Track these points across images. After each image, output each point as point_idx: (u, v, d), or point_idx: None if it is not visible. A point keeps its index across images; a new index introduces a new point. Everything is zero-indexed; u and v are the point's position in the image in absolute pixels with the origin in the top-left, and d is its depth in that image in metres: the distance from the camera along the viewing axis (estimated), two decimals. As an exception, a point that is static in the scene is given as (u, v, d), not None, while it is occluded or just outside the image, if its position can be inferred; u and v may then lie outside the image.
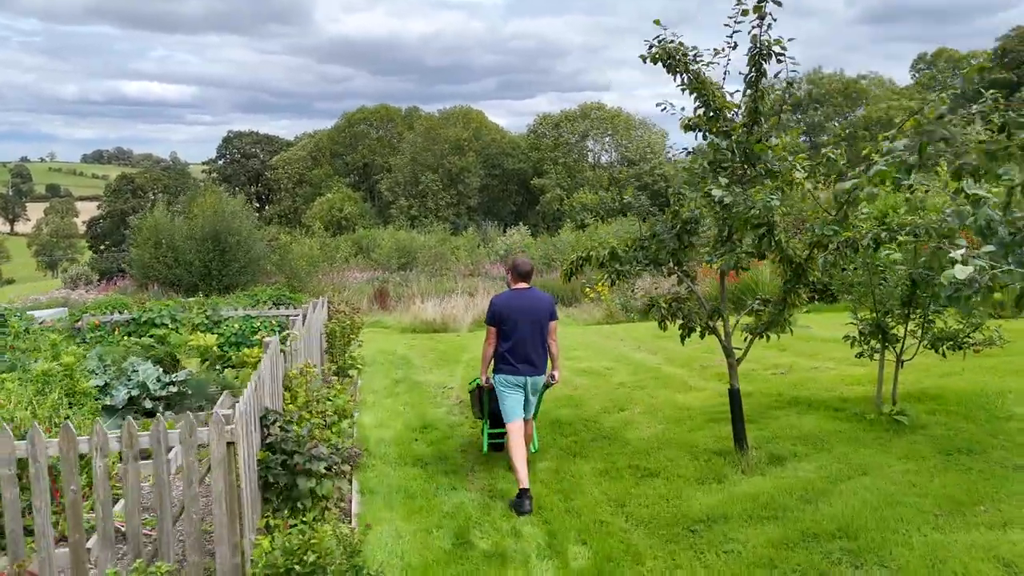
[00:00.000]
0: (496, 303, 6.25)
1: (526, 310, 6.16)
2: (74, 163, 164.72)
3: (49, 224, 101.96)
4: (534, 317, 6.16)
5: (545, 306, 6.29)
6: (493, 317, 6.22)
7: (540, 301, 6.29)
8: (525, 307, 6.18)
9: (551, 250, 35.64)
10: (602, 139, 61.88)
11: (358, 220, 58.22)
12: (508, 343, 6.13)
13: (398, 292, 25.08)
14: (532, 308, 6.19)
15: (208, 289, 26.59)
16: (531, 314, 6.15)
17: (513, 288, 6.31)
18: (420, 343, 15.88)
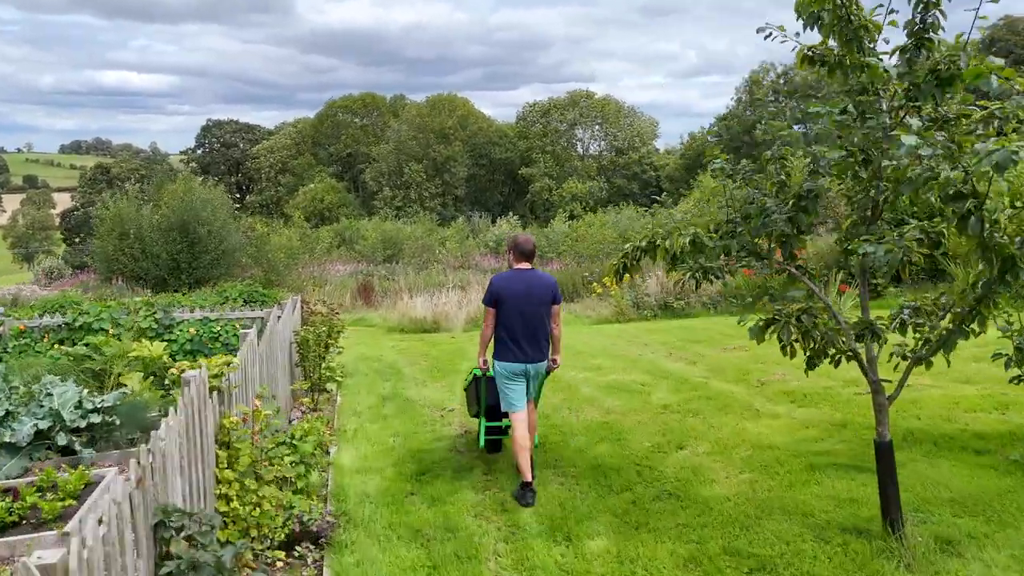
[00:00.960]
0: (495, 282, 5.77)
1: (527, 292, 5.65)
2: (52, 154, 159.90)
3: (26, 216, 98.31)
4: (536, 299, 5.67)
5: (547, 288, 5.76)
6: (492, 297, 5.71)
7: (542, 282, 5.77)
8: (526, 288, 5.66)
9: (543, 242, 33.50)
10: (591, 127, 59.71)
11: (341, 211, 55.74)
12: (507, 326, 5.66)
13: (384, 286, 22.86)
14: (534, 290, 5.68)
15: (177, 284, 24.22)
16: (532, 296, 5.66)
17: (515, 268, 5.79)
18: (410, 346, 13.71)
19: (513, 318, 5.63)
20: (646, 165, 57.01)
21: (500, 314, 5.68)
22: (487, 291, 5.78)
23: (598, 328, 14.47)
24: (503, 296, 5.65)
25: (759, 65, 49.70)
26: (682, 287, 14.15)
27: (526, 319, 5.62)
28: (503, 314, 5.66)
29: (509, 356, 5.68)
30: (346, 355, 13.58)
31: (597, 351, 11.08)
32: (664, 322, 14.54)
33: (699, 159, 50.75)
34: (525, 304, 5.62)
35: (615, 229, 26.05)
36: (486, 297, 5.77)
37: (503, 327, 5.68)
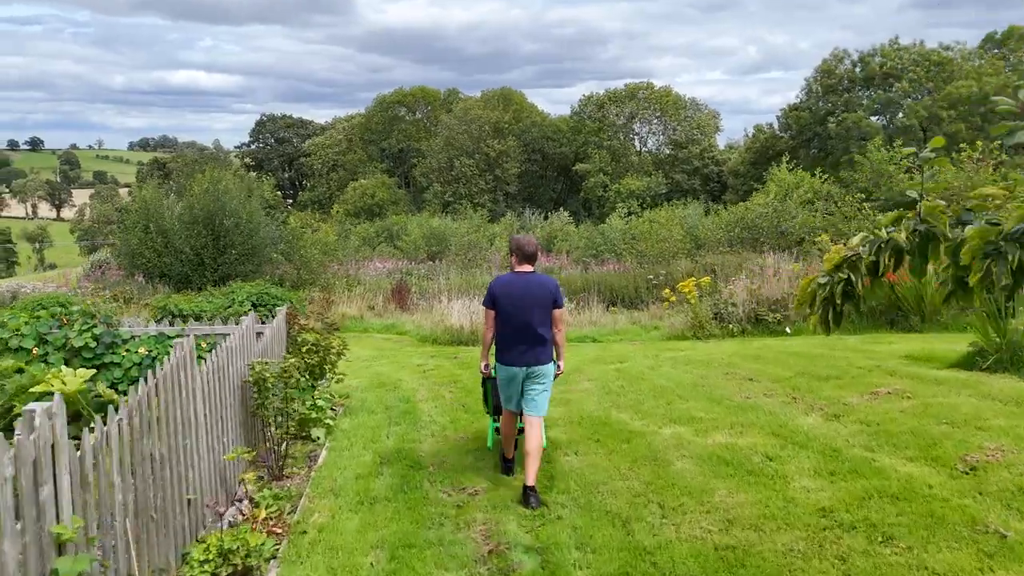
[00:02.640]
0: (494, 285, 5.50)
1: (525, 295, 5.35)
2: (121, 151, 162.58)
3: (93, 209, 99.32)
4: (534, 303, 5.34)
5: (546, 292, 5.39)
6: (490, 300, 5.46)
7: (541, 286, 5.41)
8: (524, 292, 5.36)
9: (598, 239, 30.23)
10: (650, 121, 55.96)
11: (392, 207, 53.37)
12: (505, 329, 5.42)
13: (421, 287, 19.97)
14: (532, 293, 5.36)
15: (201, 281, 21.83)
16: (530, 300, 5.34)
17: (515, 271, 5.49)
18: (438, 367, 10.75)
19: (510, 322, 5.39)
20: (708, 159, 53.00)
21: (499, 317, 5.44)
22: (486, 294, 5.54)
23: (673, 347, 11.25)
24: (501, 299, 5.41)
25: (831, 53, 45.33)
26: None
27: (523, 323, 5.36)
28: (501, 317, 5.43)
29: (507, 359, 5.46)
30: (360, 374, 10.70)
31: (685, 388, 7.89)
32: (758, 341, 11.23)
33: (767, 153, 46.66)
34: (522, 307, 5.36)
35: (682, 226, 22.63)
36: (485, 299, 5.54)
37: (501, 331, 5.47)
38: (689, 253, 21.48)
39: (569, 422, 7.06)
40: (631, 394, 7.89)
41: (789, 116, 46.53)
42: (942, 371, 7.71)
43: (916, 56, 41.15)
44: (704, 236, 22.21)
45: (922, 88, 40.66)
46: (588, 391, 8.23)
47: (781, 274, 13.38)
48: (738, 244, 21.26)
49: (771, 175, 24.86)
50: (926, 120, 39.49)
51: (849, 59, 44.32)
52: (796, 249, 20.66)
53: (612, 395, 7.93)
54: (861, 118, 40.85)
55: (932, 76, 40.86)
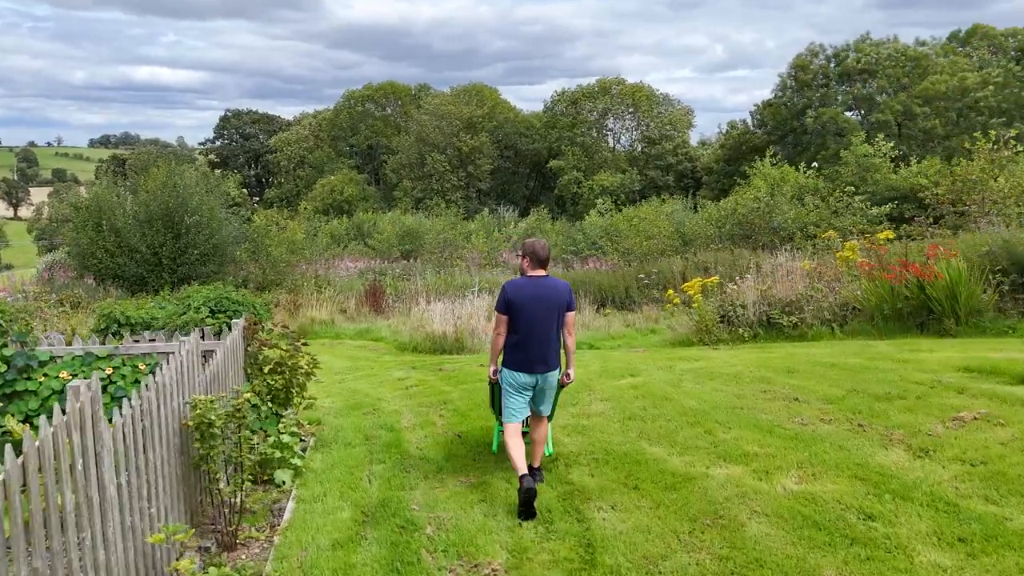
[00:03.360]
0: (508, 289, 5.26)
1: (541, 299, 5.17)
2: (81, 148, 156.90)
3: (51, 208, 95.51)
4: (549, 308, 5.18)
5: (561, 296, 5.25)
6: (504, 304, 5.22)
7: (556, 290, 5.25)
8: (540, 296, 5.17)
9: (578, 237, 29.00)
10: (623, 117, 54.88)
11: (361, 204, 51.56)
12: (518, 335, 5.20)
13: (397, 288, 18.50)
14: (547, 297, 5.18)
15: (158, 283, 20.09)
16: (546, 304, 5.18)
17: (528, 275, 5.27)
18: (423, 381, 9.35)
19: (525, 326, 5.20)
20: (681, 155, 52.06)
21: (512, 322, 5.23)
22: (499, 297, 5.32)
23: (683, 356, 9.97)
24: (516, 303, 5.20)
25: (806, 48, 44.66)
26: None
27: (538, 328, 5.19)
28: (515, 322, 5.23)
29: (518, 366, 5.24)
30: (334, 392, 9.26)
31: (722, 411, 6.61)
32: (779, 349, 10.01)
33: (741, 148, 45.87)
34: (538, 312, 5.18)
35: (670, 222, 21.46)
36: (499, 304, 5.31)
37: (514, 335, 5.25)
38: (678, 250, 20.33)
39: (593, 459, 5.73)
40: (659, 419, 6.58)
41: (764, 112, 45.80)
42: (1018, 388, 6.54)
43: (892, 52, 40.61)
44: (692, 232, 21.07)
45: (897, 84, 40.13)
46: (605, 415, 6.91)
47: (794, 273, 12.20)
48: (728, 240, 20.16)
49: (756, 170, 23.82)
50: (901, 115, 38.97)
51: (823, 54, 43.69)
52: (789, 245, 19.63)
53: (636, 421, 6.62)
54: (838, 113, 40.21)
55: (907, 72, 40.36)
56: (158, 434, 4.03)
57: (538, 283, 5.26)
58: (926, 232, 14.00)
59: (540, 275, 5.30)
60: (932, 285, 9.96)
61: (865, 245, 12.50)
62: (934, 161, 24.28)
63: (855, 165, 24.00)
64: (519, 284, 5.30)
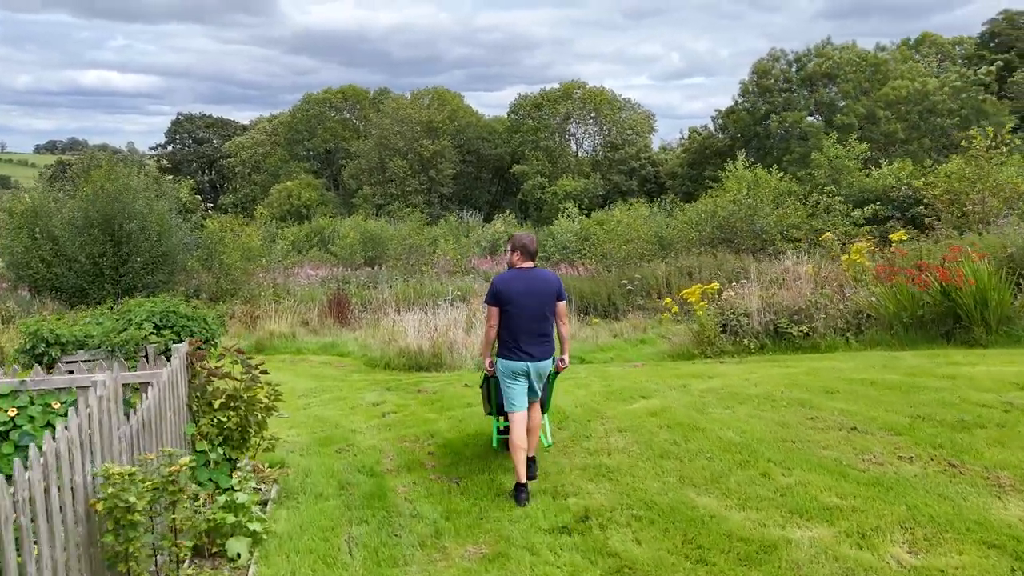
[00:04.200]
0: (497, 282, 5.31)
1: (530, 291, 5.22)
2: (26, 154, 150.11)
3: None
4: (539, 299, 5.23)
5: (551, 287, 5.31)
6: (494, 297, 5.26)
7: (546, 282, 5.32)
8: (529, 288, 5.22)
9: (549, 242, 27.89)
10: (585, 121, 54.09)
11: (320, 209, 49.70)
12: (510, 326, 5.23)
13: (363, 298, 17.10)
14: (537, 289, 5.24)
15: (100, 294, 18.31)
16: (536, 295, 5.23)
17: (517, 267, 5.33)
18: (402, 408, 8.06)
19: (516, 318, 5.22)
20: (644, 160, 51.44)
21: (503, 314, 5.25)
22: (489, 291, 5.35)
23: (690, 372, 8.86)
24: (505, 296, 5.22)
25: (767, 53, 44.46)
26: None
27: (529, 318, 5.22)
28: (506, 314, 5.24)
29: (511, 355, 5.26)
30: (298, 421, 7.91)
31: (769, 446, 5.49)
32: (794, 362, 8.97)
33: (705, 153, 45.42)
34: (528, 303, 5.21)
35: (649, 226, 20.47)
36: (488, 297, 5.34)
37: (506, 327, 5.27)
38: (657, 255, 19.36)
39: (633, 516, 4.55)
40: (698, 457, 5.44)
41: (726, 118, 45.44)
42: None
43: (854, 57, 40.56)
44: (671, 236, 20.11)
45: (859, 88, 40.08)
46: (630, 452, 5.74)
47: (800, 278, 11.22)
48: (707, 244, 19.25)
49: (728, 173, 23.03)
50: (863, 119, 38.89)
51: (785, 59, 43.50)
52: (772, 248, 18.82)
53: (671, 460, 5.46)
54: (801, 117, 39.97)
55: (867, 77, 40.36)
56: (47, 530, 2.70)
57: (528, 275, 5.31)
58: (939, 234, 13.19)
59: (529, 267, 5.36)
60: (958, 290, 9.05)
61: (869, 247, 11.63)
62: (905, 163, 23.82)
63: (827, 167, 23.38)
64: (508, 277, 5.33)
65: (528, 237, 5.45)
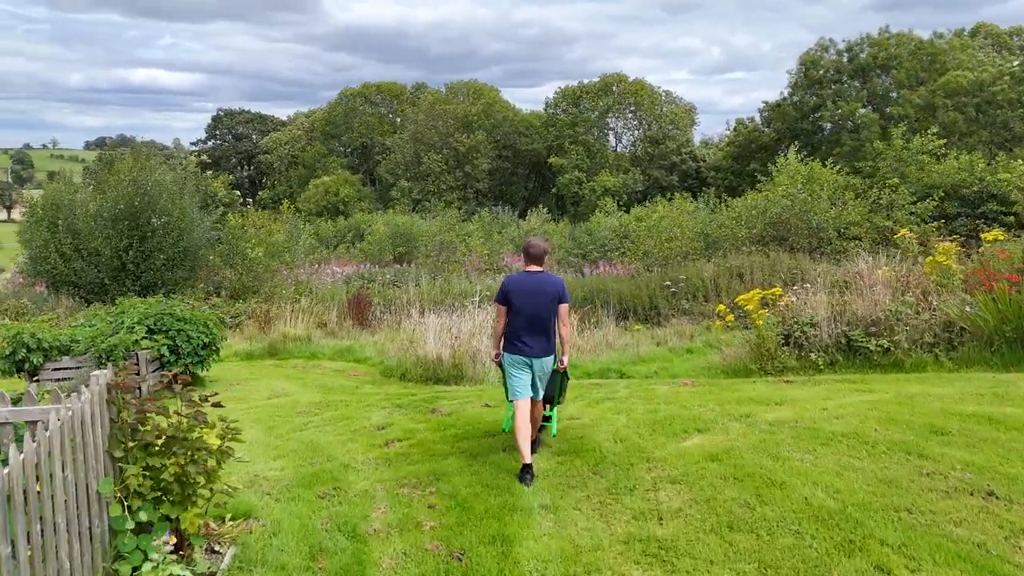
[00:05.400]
0: (506, 282, 5.78)
1: (533, 292, 5.60)
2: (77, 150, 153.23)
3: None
4: (541, 299, 5.58)
5: (552, 289, 5.63)
6: (503, 296, 5.68)
7: (548, 284, 5.66)
8: (533, 289, 5.61)
9: (585, 239, 26.42)
10: (624, 115, 52.28)
11: (357, 205, 48.93)
12: (514, 323, 5.64)
13: (387, 296, 15.90)
14: (539, 291, 5.60)
15: (120, 290, 17.46)
16: (538, 296, 5.58)
17: (525, 270, 5.77)
18: (408, 437, 6.76)
19: (520, 316, 5.58)
20: (685, 155, 49.48)
21: (510, 312, 5.63)
22: (499, 290, 5.76)
23: (751, 394, 7.38)
24: (512, 296, 5.60)
25: (816, 43, 42.14)
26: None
27: (531, 318, 5.56)
28: (512, 312, 5.61)
29: (514, 349, 5.63)
30: (287, 450, 6.64)
31: (877, 518, 4.06)
32: (877, 384, 7.41)
33: (750, 147, 43.37)
34: (531, 304, 5.55)
35: (694, 222, 18.89)
36: (498, 296, 5.75)
37: (511, 324, 5.64)
38: (702, 253, 17.78)
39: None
40: (779, 531, 4.02)
41: (772, 111, 43.28)
42: None
43: (910, 46, 38.12)
44: (717, 234, 18.50)
45: (915, 78, 37.64)
46: (687, 516, 4.34)
47: (877, 284, 9.61)
48: (758, 242, 17.60)
49: (780, 166, 21.27)
50: (920, 110, 36.48)
51: (834, 49, 41.17)
52: (829, 248, 17.10)
53: (743, 533, 4.05)
54: (856, 107, 37.68)
55: (925, 67, 37.89)
56: None
57: (533, 278, 5.65)
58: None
59: (535, 270, 5.70)
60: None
61: (953, 249, 9.96)
62: (977, 156, 21.75)
63: (892, 159, 21.45)
64: (516, 279, 5.73)
65: (530, 242, 5.81)
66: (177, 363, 9.51)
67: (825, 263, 15.58)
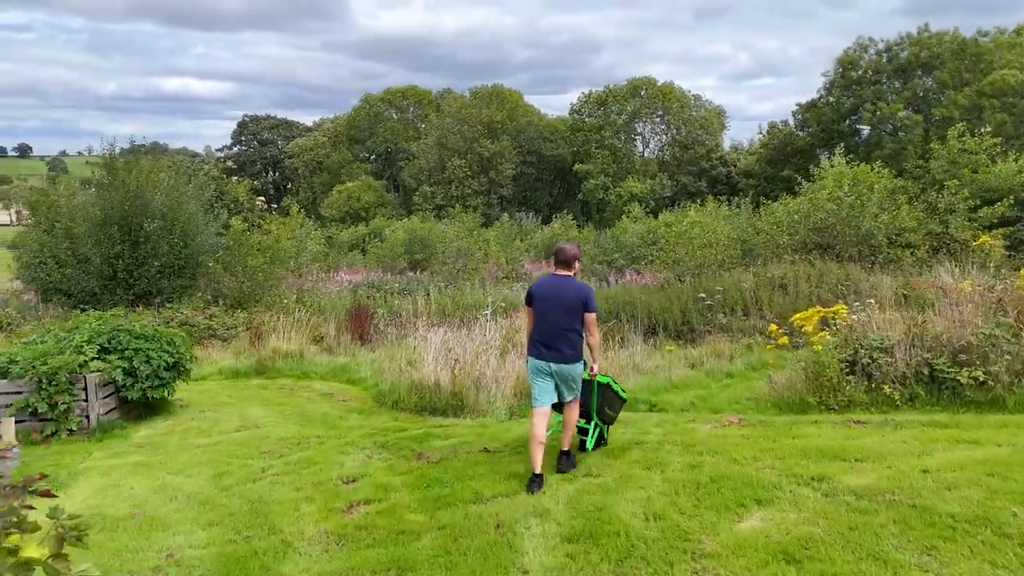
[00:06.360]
0: (533, 286, 5.71)
1: (556, 297, 5.46)
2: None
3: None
4: (562, 305, 5.43)
5: (573, 295, 5.42)
6: (529, 298, 5.63)
7: (570, 290, 5.47)
8: (556, 294, 5.48)
9: (610, 245, 24.80)
10: (652, 119, 50.50)
11: (379, 210, 47.81)
12: (537, 327, 5.53)
13: (393, 307, 14.45)
14: (562, 296, 5.45)
15: (112, 300, 16.25)
16: (560, 301, 5.44)
17: (553, 274, 5.64)
18: (379, 499, 5.26)
19: (542, 320, 5.49)
20: (715, 160, 47.54)
21: (534, 314, 5.55)
22: (527, 292, 5.69)
23: (826, 446, 5.76)
24: (535, 299, 5.55)
25: (854, 42, 40.06)
26: None
27: (552, 322, 5.44)
28: (536, 315, 5.54)
29: (534, 353, 5.53)
30: (221, 517, 5.19)
31: None
32: (982, 430, 5.75)
33: (785, 151, 41.39)
34: (553, 308, 5.45)
35: (732, 228, 17.19)
36: (526, 297, 5.70)
37: (535, 327, 5.54)
38: (738, 262, 16.08)
39: None
40: None
41: (806, 114, 41.24)
42: None
43: (954, 45, 35.92)
44: (755, 240, 16.79)
45: (959, 78, 35.42)
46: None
47: (961, 301, 7.89)
48: (800, 250, 15.85)
49: (823, 169, 19.48)
50: (965, 111, 34.25)
51: (874, 48, 39.05)
52: (880, 257, 15.31)
53: None
54: (898, 108, 35.54)
55: (969, 67, 35.65)
56: None
57: (556, 282, 5.52)
58: None
59: (562, 275, 5.55)
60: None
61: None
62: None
63: (945, 160, 19.54)
64: (543, 282, 5.65)
65: (559, 246, 5.64)
66: (134, 388, 8.13)
67: (879, 273, 13.84)
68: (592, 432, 5.96)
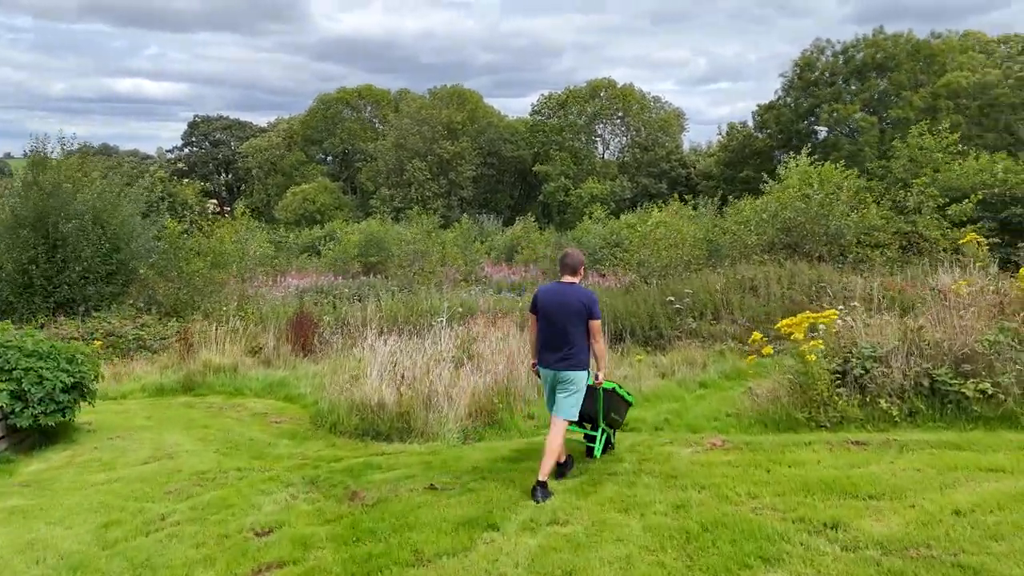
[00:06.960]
0: (537, 291, 5.67)
1: (559, 303, 5.40)
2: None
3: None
4: (565, 311, 5.37)
5: (576, 302, 5.35)
6: (533, 304, 5.60)
7: (573, 296, 5.39)
8: (559, 300, 5.41)
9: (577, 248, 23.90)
10: (612, 121, 50.00)
11: (336, 213, 46.30)
12: (540, 333, 5.51)
13: (340, 315, 13.31)
14: (565, 302, 5.39)
15: (30, 310, 14.78)
16: (562, 308, 5.38)
17: (559, 280, 5.54)
18: (292, 559, 4.19)
19: (545, 327, 5.45)
20: (675, 162, 47.20)
21: (538, 321, 5.51)
22: (532, 299, 5.66)
23: (827, 476, 4.94)
24: (539, 305, 5.50)
25: (811, 44, 40.06)
26: None
27: (554, 329, 5.40)
28: (539, 321, 5.50)
29: (540, 360, 5.52)
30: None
31: None
32: (1004, 454, 4.96)
33: (743, 152, 41.19)
34: (555, 315, 5.40)
35: (696, 227, 16.47)
36: (531, 305, 5.65)
37: (539, 334, 5.51)
38: (705, 262, 15.36)
39: None
40: None
41: (765, 115, 41.13)
42: None
43: (909, 47, 36.10)
44: (721, 240, 16.10)
45: (915, 79, 35.60)
46: None
47: (962, 304, 7.15)
48: (768, 250, 15.21)
49: (788, 169, 18.94)
50: (921, 112, 34.40)
51: (831, 50, 39.09)
52: (850, 257, 14.74)
53: None
54: (854, 110, 35.54)
55: (923, 68, 35.87)
56: None
57: (560, 289, 5.44)
58: None
59: (567, 281, 5.46)
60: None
61: None
62: (1000, 156, 19.56)
63: (906, 159, 19.18)
64: (547, 288, 5.59)
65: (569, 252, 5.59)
66: (23, 414, 6.91)
67: (850, 273, 13.23)
68: (600, 439, 5.86)
